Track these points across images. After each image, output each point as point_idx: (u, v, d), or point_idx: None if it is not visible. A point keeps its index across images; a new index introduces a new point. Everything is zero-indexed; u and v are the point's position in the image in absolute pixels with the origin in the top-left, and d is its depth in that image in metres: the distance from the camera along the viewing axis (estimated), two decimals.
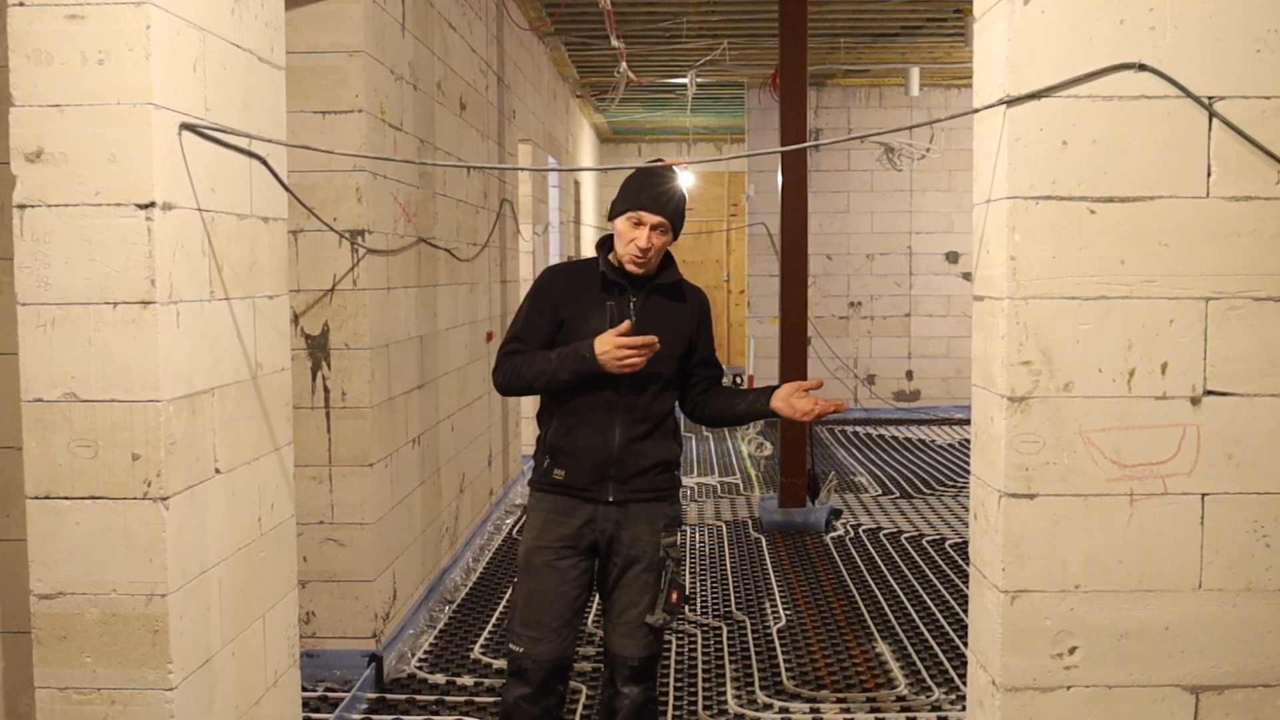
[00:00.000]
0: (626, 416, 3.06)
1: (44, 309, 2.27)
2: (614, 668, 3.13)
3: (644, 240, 3.02)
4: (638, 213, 3.03)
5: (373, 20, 4.34)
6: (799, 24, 6.98)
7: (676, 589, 3.11)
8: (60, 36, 2.23)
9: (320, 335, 4.27)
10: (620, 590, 3.11)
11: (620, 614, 3.11)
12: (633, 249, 3.04)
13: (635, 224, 3.04)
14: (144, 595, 2.30)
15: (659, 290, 3.13)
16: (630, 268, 3.07)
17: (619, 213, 3.07)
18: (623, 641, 3.10)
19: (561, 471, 3.10)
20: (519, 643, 3.08)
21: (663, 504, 3.14)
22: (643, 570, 3.09)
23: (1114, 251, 2.24)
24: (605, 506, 3.09)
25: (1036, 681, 2.30)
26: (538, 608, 3.07)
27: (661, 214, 3.04)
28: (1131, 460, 2.26)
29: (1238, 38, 2.20)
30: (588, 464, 3.07)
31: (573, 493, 3.09)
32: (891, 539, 6.79)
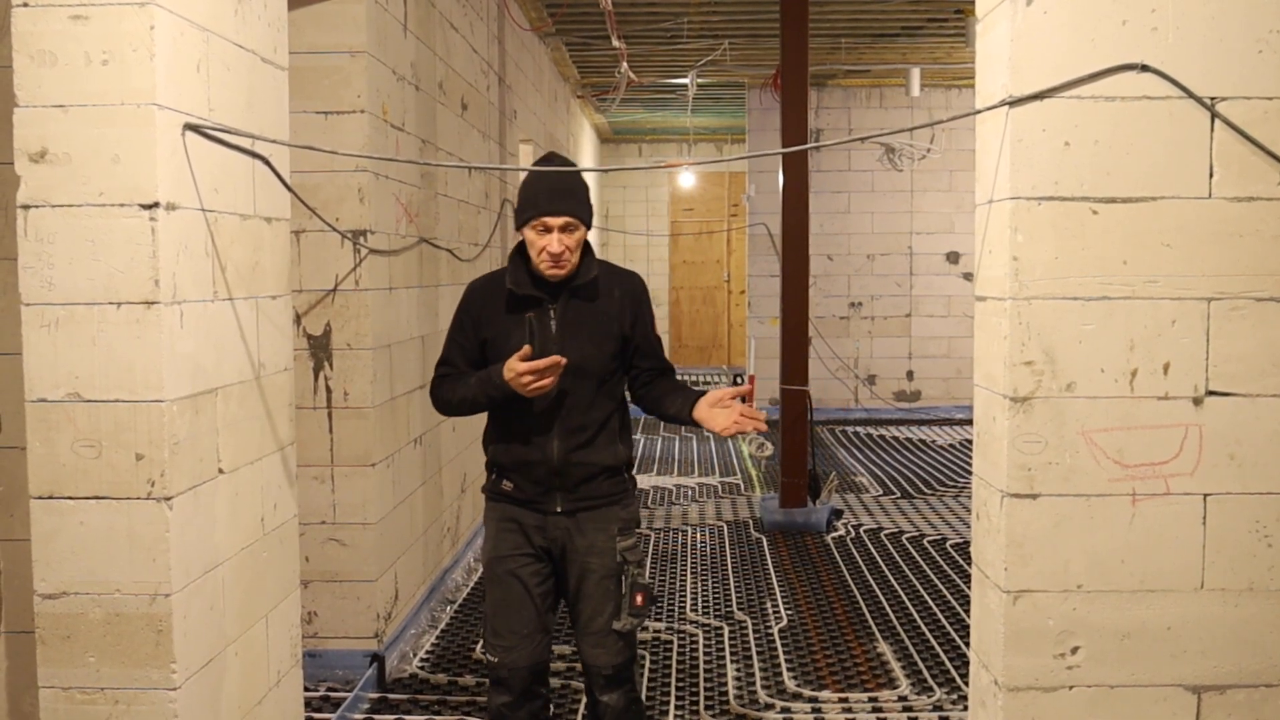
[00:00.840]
0: (563, 427, 2.99)
1: (48, 309, 2.27)
2: (590, 678, 3.10)
3: (555, 245, 2.93)
4: (540, 219, 2.94)
5: (375, 21, 4.34)
6: (800, 24, 6.98)
7: (640, 591, 3.05)
8: (64, 37, 2.24)
9: (322, 335, 4.28)
10: (583, 600, 3.06)
11: (587, 624, 3.06)
12: (545, 257, 2.94)
13: (542, 230, 2.94)
14: (147, 595, 2.31)
15: (578, 293, 3.02)
16: (550, 274, 2.97)
17: (523, 222, 2.98)
18: (593, 651, 3.06)
19: (509, 484, 3.08)
20: (494, 652, 3.08)
21: (614, 508, 3.07)
22: (602, 578, 3.04)
23: (1116, 252, 2.24)
24: (555, 516, 3.04)
25: (1039, 681, 2.30)
26: (506, 617, 3.06)
27: (565, 213, 2.94)
28: (1134, 460, 2.27)
29: (1240, 38, 2.20)
30: (533, 476, 3.03)
31: (522, 503, 3.07)
32: (893, 539, 6.79)
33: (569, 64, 10.84)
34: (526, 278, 3.03)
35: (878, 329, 12.08)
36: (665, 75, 11.48)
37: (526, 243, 3.01)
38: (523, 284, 3.02)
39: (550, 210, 2.94)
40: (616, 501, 3.08)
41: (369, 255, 4.28)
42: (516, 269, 3.05)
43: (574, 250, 2.98)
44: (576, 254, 3.00)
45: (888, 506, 7.78)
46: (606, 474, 3.06)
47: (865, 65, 10.99)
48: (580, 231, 2.98)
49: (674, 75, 11.44)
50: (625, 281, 3.12)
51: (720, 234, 17.09)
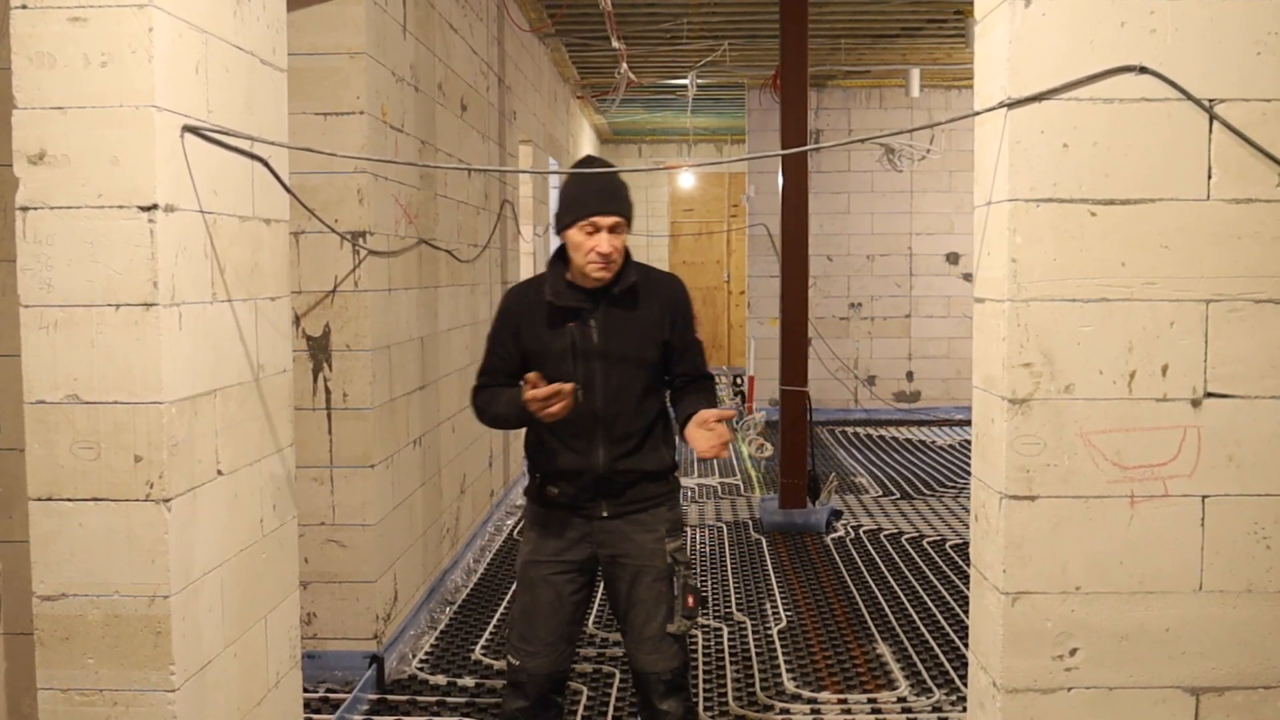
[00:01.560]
0: (608, 435, 2.97)
1: (46, 311, 2.27)
2: (647, 686, 3.05)
3: (605, 245, 2.89)
4: (590, 219, 2.90)
5: (374, 22, 4.34)
6: (799, 25, 6.98)
7: (691, 593, 3.03)
8: (63, 39, 2.24)
9: (322, 336, 4.28)
10: (635, 605, 3.03)
11: (641, 629, 3.03)
12: (594, 258, 2.90)
13: (591, 231, 2.90)
14: (146, 596, 2.31)
15: (617, 301, 2.98)
16: (598, 276, 2.93)
17: (570, 223, 2.93)
18: (650, 658, 3.02)
19: (555, 489, 3.05)
20: (516, 655, 3.06)
21: (661, 509, 3.05)
22: (654, 580, 3.01)
23: (1115, 254, 2.24)
24: (601, 521, 3.02)
25: (1037, 683, 2.30)
26: (533, 623, 3.04)
27: (615, 213, 2.91)
28: (1132, 462, 2.27)
29: (1238, 40, 2.20)
30: (577, 484, 3.01)
31: (568, 510, 3.04)
32: (892, 540, 6.79)
33: (569, 65, 10.84)
34: (565, 287, 3.00)
35: (877, 329, 12.08)
36: (665, 76, 11.48)
37: (571, 245, 2.95)
38: (563, 294, 2.99)
39: (600, 210, 2.90)
40: (663, 503, 3.06)
41: (368, 256, 4.28)
42: (556, 278, 3.01)
43: (620, 252, 2.95)
44: (621, 256, 2.97)
45: (887, 507, 7.78)
46: (652, 478, 3.04)
47: (865, 66, 10.99)
48: (625, 233, 2.96)
49: (674, 76, 11.44)
50: (665, 286, 3.07)
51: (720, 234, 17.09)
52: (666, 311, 3.03)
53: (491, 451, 7.11)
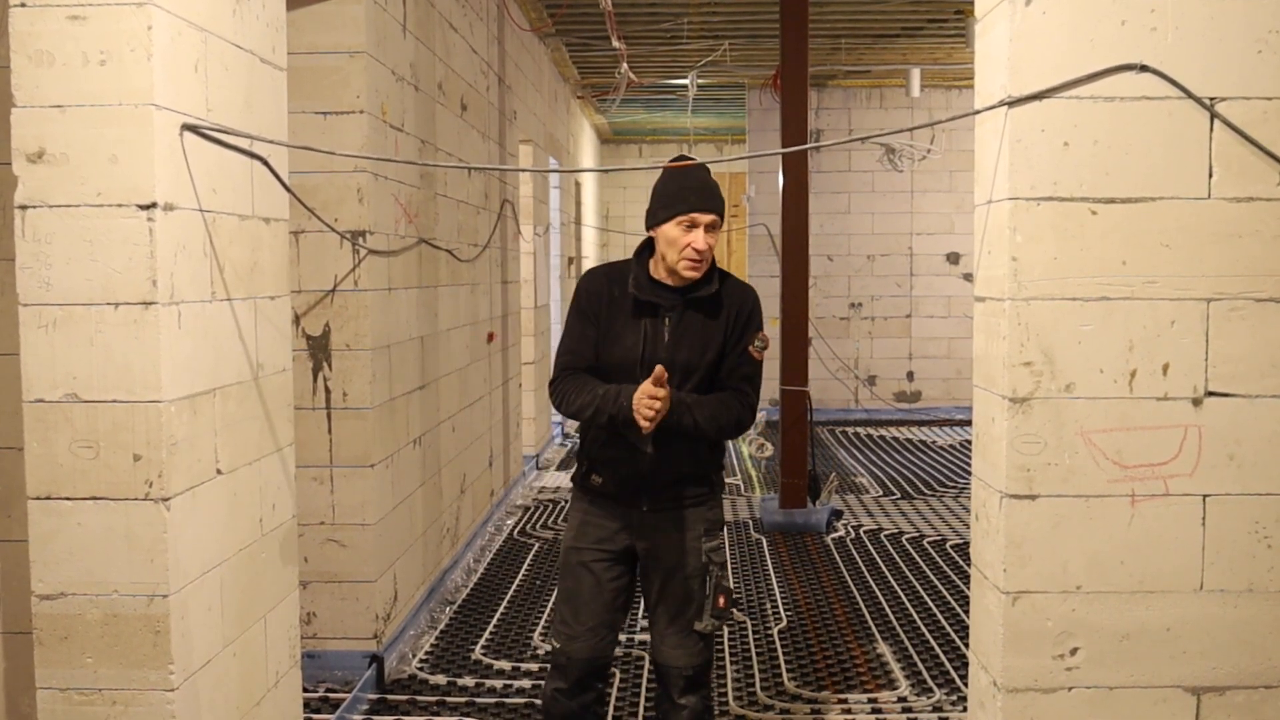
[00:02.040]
0: (660, 431, 2.92)
1: (45, 309, 2.27)
2: (667, 679, 3.07)
3: (701, 243, 2.91)
4: (690, 215, 2.90)
5: (374, 21, 4.34)
6: (800, 25, 6.98)
7: (723, 593, 3.04)
8: (62, 37, 2.23)
9: (321, 336, 4.27)
10: (665, 600, 3.05)
11: (669, 624, 3.05)
12: (690, 253, 2.91)
13: (688, 227, 2.91)
14: (145, 596, 2.30)
15: (696, 305, 3.00)
16: (689, 274, 2.95)
17: (666, 218, 2.93)
18: (673, 652, 3.05)
19: (599, 478, 3.07)
20: (558, 639, 3.11)
21: (701, 509, 3.07)
22: (686, 577, 3.03)
23: (1115, 252, 2.24)
24: (641, 513, 3.04)
25: (1038, 682, 2.30)
26: (574, 607, 3.08)
27: (714, 211, 2.94)
28: (1133, 461, 2.26)
29: (1239, 39, 2.20)
30: (622, 474, 3.02)
31: (610, 499, 3.07)
32: (892, 540, 6.79)
33: (569, 64, 10.84)
34: (648, 281, 3.01)
35: (878, 329, 12.08)
36: (665, 76, 11.48)
37: (664, 240, 2.95)
38: (645, 288, 3.00)
39: (701, 207, 2.91)
40: (703, 503, 3.08)
41: (368, 256, 4.28)
42: (640, 270, 3.03)
43: (712, 251, 2.97)
44: (711, 254, 2.98)
45: (888, 507, 7.78)
46: (694, 478, 3.05)
47: (865, 66, 10.99)
48: (717, 235, 2.97)
49: (674, 76, 11.44)
50: (737, 296, 3.07)
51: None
52: (735, 317, 3.05)
53: (492, 451, 7.11)
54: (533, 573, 6.07)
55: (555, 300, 10.65)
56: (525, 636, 5.01)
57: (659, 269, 3.02)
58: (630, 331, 2.99)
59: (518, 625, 5.17)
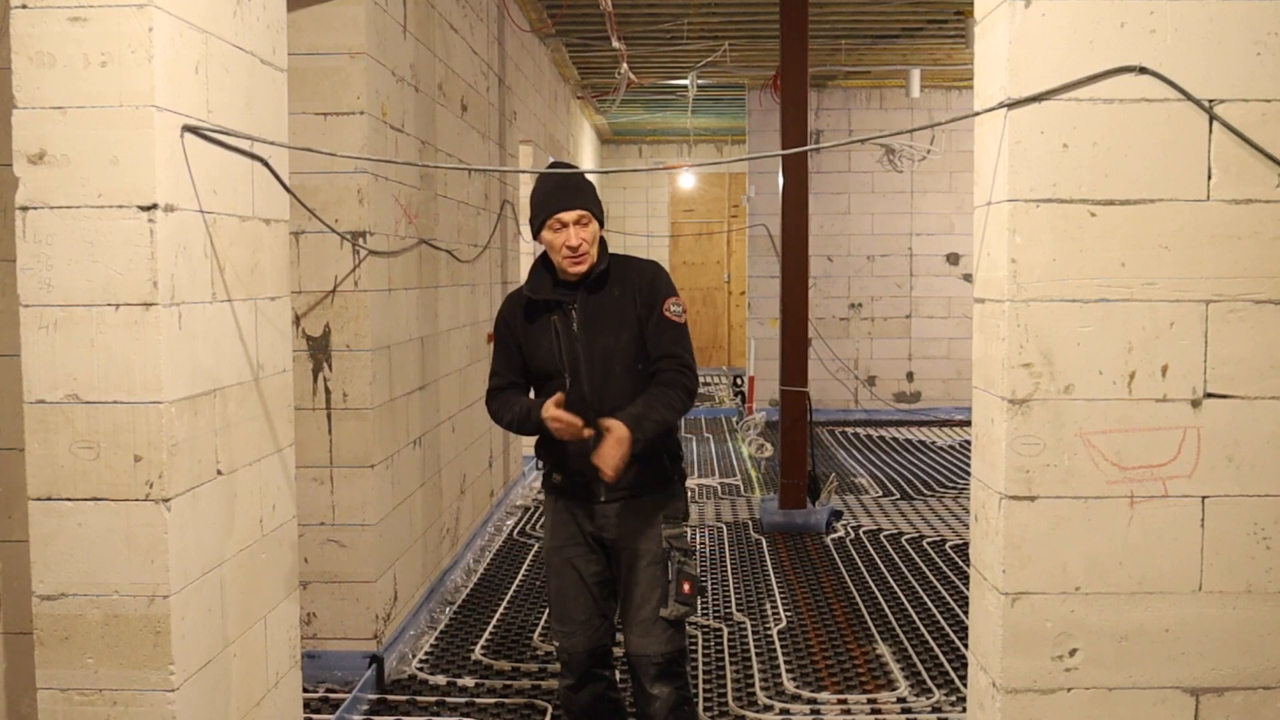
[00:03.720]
0: (599, 418, 2.98)
1: (46, 310, 2.27)
2: (638, 668, 3.13)
3: (573, 239, 3.03)
4: (554, 216, 3.04)
5: (374, 22, 4.34)
6: (800, 26, 6.98)
7: (687, 579, 3.10)
8: (63, 39, 2.24)
9: (322, 336, 4.28)
10: (631, 588, 3.13)
11: (635, 612, 3.12)
12: (565, 252, 3.04)
13: (558, 227, 3.04)
14: (146, 596, 2.31)
15: (592, 288, 3.10)
16: (573, 271, 3.06)
17: (539, 227, 3.08)
18: (641, 641, 3.11)
19: (559, 475, 3.19)
20: (557, 638, 3.22)
21: (657, 496, 3.14)
22: (648, 564, 3.11)
23: (1114, 254, 2.24)
24: (600, 505, 3.14)
25: (1037, 683, 2.30)
26: (564, 605, 3.19)
27: (577, 206, 3.04)
28: (1132, 462, 2.27)
29: (1238, 41, 2.20)
30: (573, 469, 3.12)
31: (570, 494, 3.17)
32: (892, 540, 6.79)
33: (569, 65, 10.84)
34: (548, 282, 3.14)
35: (878, 330, 12.08)
36: (665, 76, 11.48)
37: (547, 247, 3.10)
38: (540, 289, 3.14)
39: (561, 206, 3.04)
40: (658, 491, 3.15)
41: (368, 256, 4.28)
42: (538, 277, 3.16)
43: (591, 243, 3.07)
44: (594, 248, 3.09)
45: (887, 508, 7.78)
46: (645, 463, 3.09)
47: (865, 66, 10.99)
48: (594, 225, 3.08)
49: (674, 76, 11.43)
50: (640, 270, 3.17)
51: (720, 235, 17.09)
52: (638, 291, 3.11)
53: (491, 451, 7.11)
54: (532, 573, 6.07)
55: None
56: (525, 637, 5.02)
57: (559, 271, 3.14)
58: (543, 334, 3.12)
59: (517, 625, 5.18)
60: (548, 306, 3.13)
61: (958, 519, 7.36)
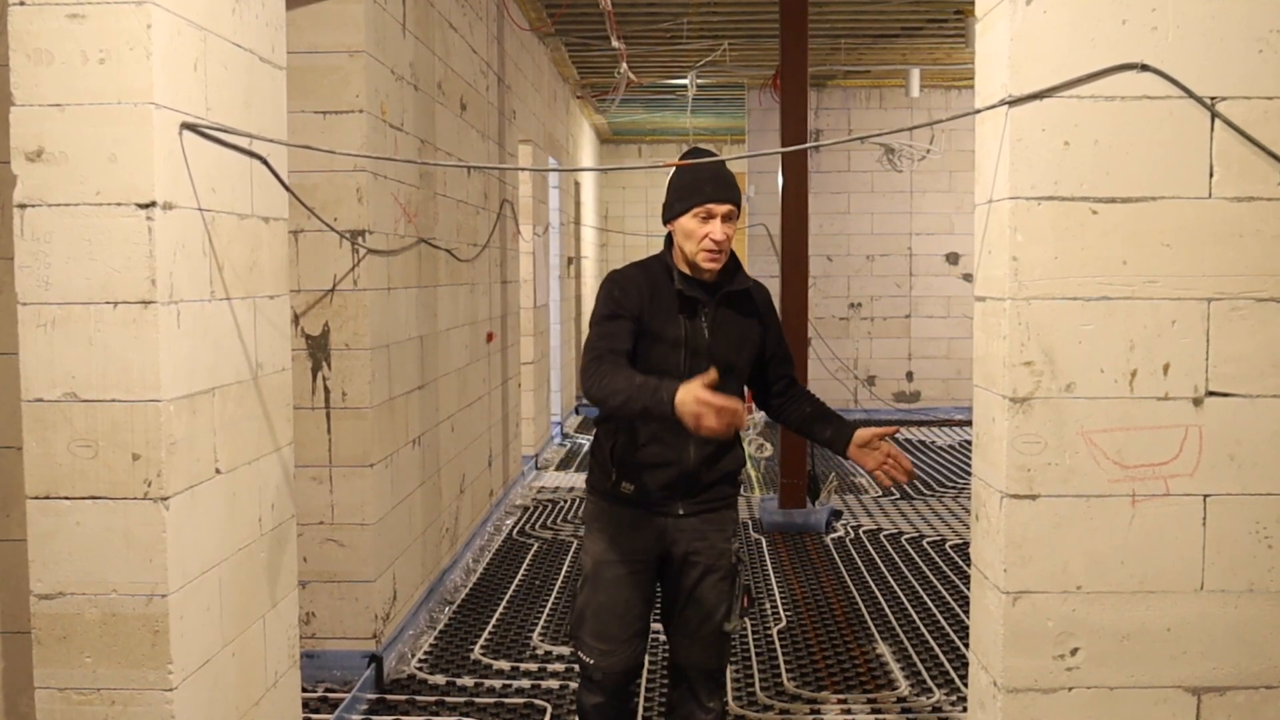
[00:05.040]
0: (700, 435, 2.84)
1: (44, 309, 2.26)
2: (694, 683, 3.04)
3: (719, 233, 2.87)
4: (705, 205, 2.87)
5: (374, 20, 4.34)
6: (799, 25, 6.98)
7: (746, 593, 3.05)
8: (61, 35, 2.23)
9: (321, 335, 4.27)
10: (696, 602, 3.02)
11: (699, 626, 3.01)
12: (708, 244, 2.87)
13: (705, 218, 2.87)
14: (144, 595, 2.30)
15: (729, 301, 2.98)
16: (709, 266, 2.90)
17: (682, 211, 2.90)
18: (704, 654, 3.01)
19: (630, 486, 2.99)
20: (589, 654, 3.02)
21: (731, 510, 3.07)
22: (719, 579, 3.01)
23: (1116, 252, 2.24)
24: (677, 519, 3.01)
25: (1038, 683, 2.30)
26: (609, 621, 3.01)
27: (730, 200, 2.89)
28: (1133, 461, 2.26)
29: (1240, 38, 2.20)
30: (660, 480, 2.97)
31: (643, 507, 3.01)
32: (892, 540, 6.79)
33: (568, 64, 10.84)
34: (682, 278, 2.97)
35: (877, 330, 12.07)
36: (665, 76, 11.47)
37: (682, 233, 2.92)
38: (684, 282, 2.95)
39: (716, 197, 2.87)
40: (731, 505, 3.08)
41: (367, 255, 4.27)
42: (676, 266, 2.98)
43: (730, 242, 2.92)
44: (730, 244, 2.93)
45: (887, 507, 7.78)
46: (729, 479, 3.05)
47: (865, 66, 10.99)
48: (735, 225, 2.93)
49: (674, 76, 11.43)
50: (760, 291, 3.08)
51: None
52: (763, 317, 3.04)
53: (491, 451, 7.10)
54: (532, 573, 6.07)
55: (554, 300, 10.64)
56: (524, 636, 5.01)
57: (681, 265, 2.99)
58: (673, 328, 2.93)
59: (517, 625, 5.17)
60: (687, 303, 2.94)
61: (958, 518, 7.35)
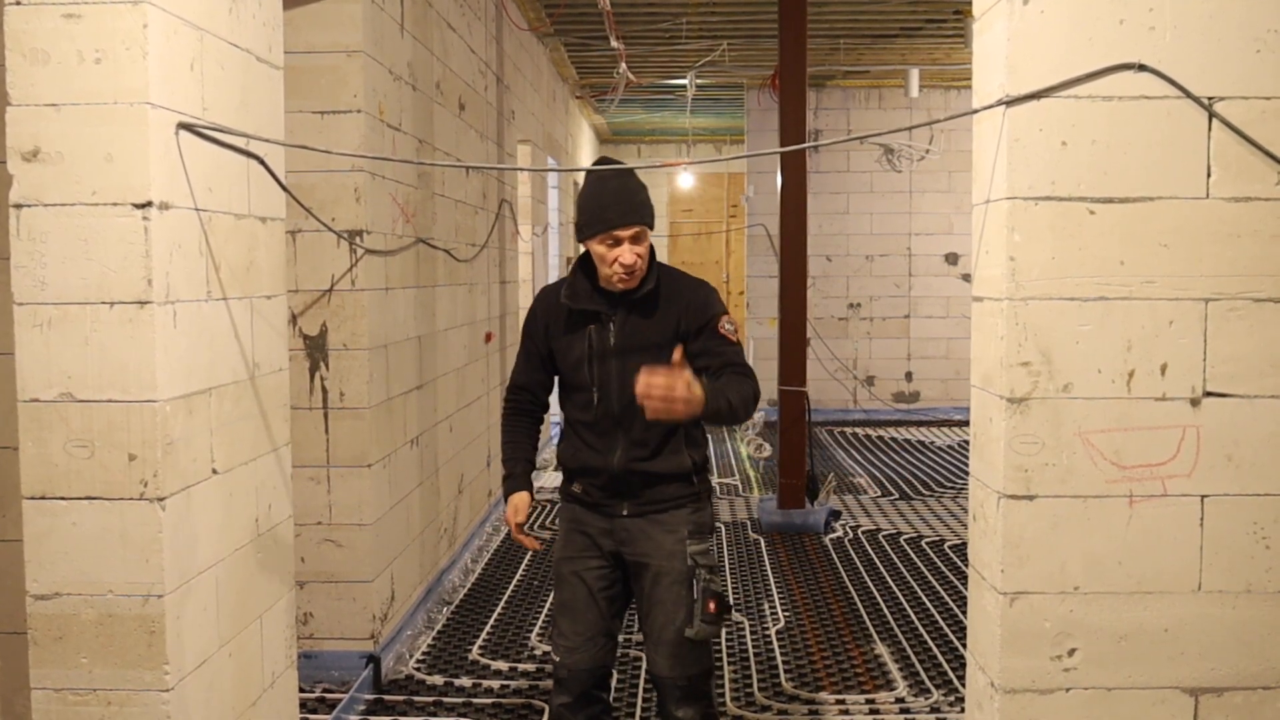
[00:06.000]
0: (626, 437, 2.96)
1: (41, 309, 2.26)
2: (663, 690, 3.01)
3: (627, 256, 2.87)
4: (611, 232, 2.86)
5: (371, 20, 4.33)
6: (799, 25, 6.98)
7: (713, 597, 2.95)
8: (57, 35, 2.23)
9: (318, 335, 4.26)
10: (655, 607, 2.99)
11: (659, 632, 2.98)
12: (618, 269, 2.88)
13: (611, 244, 2.87)
14: (140, 596, 2.30)
15: (636, 307, 2.96)
16: (622, 287, 2.92)
17: (589, 235, 2.90)
18: (666, 661, 2.98)
19: (579, 486, 3.08)
20: (557, 652, 3.07)
21: (683, 511, 3.01)
22: (673, 582, 2.97)
23: (1114, 252, 2.23)
24: (622, 519, 3.02)
25: (1035, 683, 2.30)
26: (570, 618, 3.05)
27: (636, 223, 2.87)
28: (1131, 461, 2.26)
29: (1238, 38, 2.19)
30: (596, 482, 3.03)
31: (591, 507, 3.06)
32: (890, 540, 6.79)
33: (567, 64, 10.84)
34: (587, 289, 2.99)
35: (876, 330, 12.07)
36: (664, 76, 11.47)
37: (595, 256, 2.93)
38: (580, 298, 2.99)
39: (620, 222, 2.86)
40: (684, 505, 3.02)
41: (365, 255, 4.27)
42: (577, 281, 3.01)
43: (644, 258, 2.92)
44: (645, 263, 2.93)
45: (886, 508, 7.77)
46: (671, 479, 3.01)
47: (864, 66, 10.99)
48: (648, 238, 2.93)
49: (673, 76, 11.43)
50: (691, 288, 3.01)
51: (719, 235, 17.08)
52: (685, 315, 2.96)
53: (489, 451, 7.10)
54: (530, 573, 6.06)
55: None
56: (522, 637, 5.01)
57: (602, 279, 2.98)
58: (577, 342, 2.99)
59: (515, 625, 5.17)
60: (585, 316, 2.98)
61: (956, 519, 7.35)
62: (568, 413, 3.10)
